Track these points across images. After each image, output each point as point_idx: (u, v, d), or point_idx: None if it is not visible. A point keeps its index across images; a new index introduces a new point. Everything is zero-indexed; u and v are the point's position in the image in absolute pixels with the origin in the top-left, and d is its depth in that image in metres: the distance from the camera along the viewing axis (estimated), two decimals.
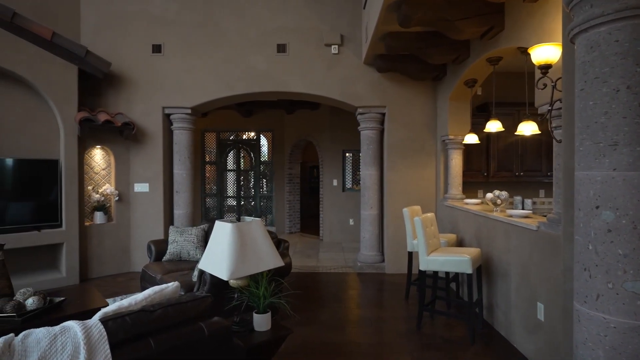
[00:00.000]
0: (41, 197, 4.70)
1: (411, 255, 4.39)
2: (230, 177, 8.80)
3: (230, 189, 8.78)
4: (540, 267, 2.81)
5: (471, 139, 4.64)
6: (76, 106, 4.87)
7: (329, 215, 7.90)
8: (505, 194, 3.80)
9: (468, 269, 3.26)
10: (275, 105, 7.37)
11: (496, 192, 3.82)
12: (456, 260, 3.29)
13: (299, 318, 3.60)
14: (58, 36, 4.63)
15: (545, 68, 2.45)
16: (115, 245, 5.39)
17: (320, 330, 3.49)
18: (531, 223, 2.95)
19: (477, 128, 5.01)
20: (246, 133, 8.86)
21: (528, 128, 3.60)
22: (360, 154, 5.81)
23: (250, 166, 8.85)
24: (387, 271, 5.47)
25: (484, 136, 5.49)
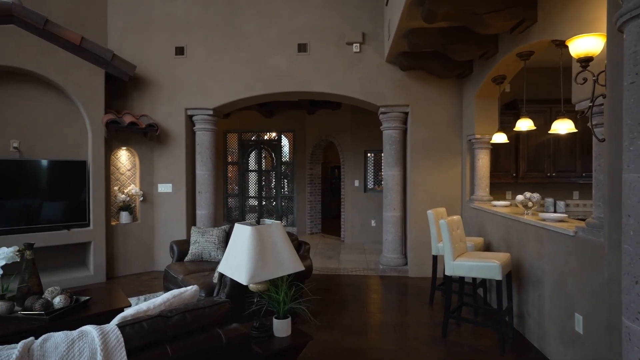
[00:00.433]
0: (71, 198, 4.84)
1: (436, 259, 4.25)
2: (252, 178, 8.84)
3: (252, 190, 8.82)
4: (579, 276, 2.62)
5: (499, 138, 4.44)
6: (103, 108, 4.99)
7: (350, 216, 7.80)
8: (537, 196, 3.59)
9: (498, 276, 3.10)
10: (297, 106, 7.34)
11: (527, 194, 3.62)
12: (485, 266, 3.13)
13: (319, 322, 3.53)
14: (86, 41, 4.75)
15: (586, 61, 2.27)
16: (140, 245, 5.50)
17: (340, 335, 3.40)
18: (567, 228, 2.76)
19: (505, 127, 4.80)
20: (267, 133, 8.88)
21: (563, 126, 3.38)
22: (383, 154, 5.68)
23: (272, 167, 8.86)
24: (410, 274, 5.32)
25: (513, 135, 5.26)
